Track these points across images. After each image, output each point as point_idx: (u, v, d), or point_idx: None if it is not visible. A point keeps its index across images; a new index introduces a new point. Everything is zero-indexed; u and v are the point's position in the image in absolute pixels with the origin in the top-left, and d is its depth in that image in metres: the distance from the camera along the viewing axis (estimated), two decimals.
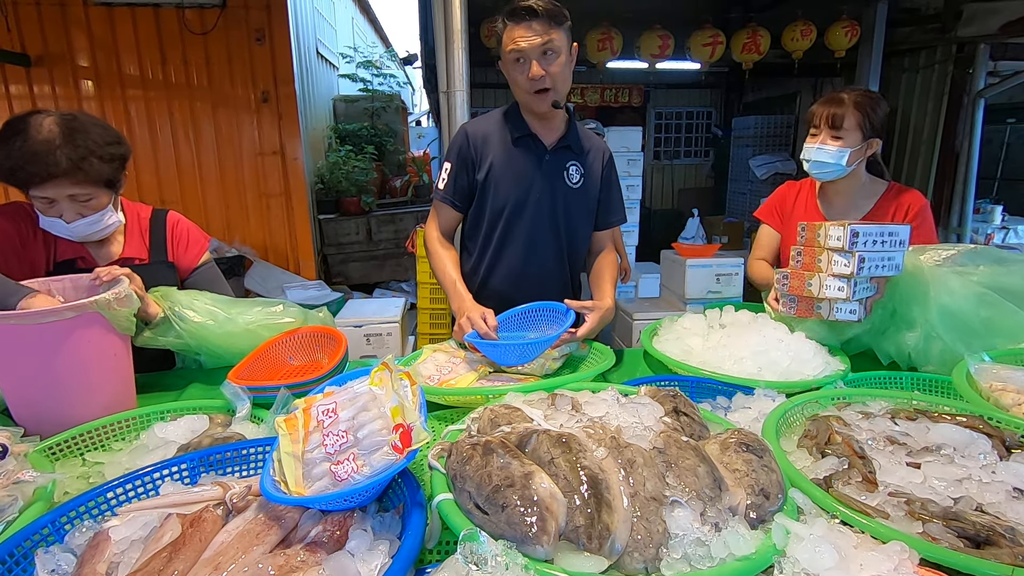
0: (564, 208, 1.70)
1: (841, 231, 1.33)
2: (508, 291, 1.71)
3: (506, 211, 1.69)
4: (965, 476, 0.83)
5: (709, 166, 8.20)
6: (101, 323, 1.11)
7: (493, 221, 1.71)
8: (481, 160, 1.67)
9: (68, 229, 1.34)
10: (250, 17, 4.48)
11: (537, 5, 1.47)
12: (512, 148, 1.67)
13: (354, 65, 6.56)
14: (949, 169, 5.15)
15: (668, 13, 4.94)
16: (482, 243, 1.75)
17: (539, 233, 1.71)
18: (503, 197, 1.68)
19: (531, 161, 1.67)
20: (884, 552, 0.66)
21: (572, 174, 1.70)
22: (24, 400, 1.10)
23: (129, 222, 1.54)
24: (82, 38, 4.33)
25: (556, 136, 1.69)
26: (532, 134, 1.67)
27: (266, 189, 4.85)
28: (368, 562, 0.66)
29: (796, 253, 1.47)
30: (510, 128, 1.67)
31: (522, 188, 1.67)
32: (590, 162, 1.74)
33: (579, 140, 1.72)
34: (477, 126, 1.70)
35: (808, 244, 1.44)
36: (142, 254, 1.53)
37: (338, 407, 0.82)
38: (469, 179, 1.69)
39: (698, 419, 0.96)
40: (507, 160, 1.66)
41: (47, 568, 0.69)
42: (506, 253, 1.73)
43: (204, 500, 0.78)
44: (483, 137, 1.67)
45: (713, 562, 0.66)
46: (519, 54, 1.51)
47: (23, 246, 1.40)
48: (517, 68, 1.54)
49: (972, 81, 4.85)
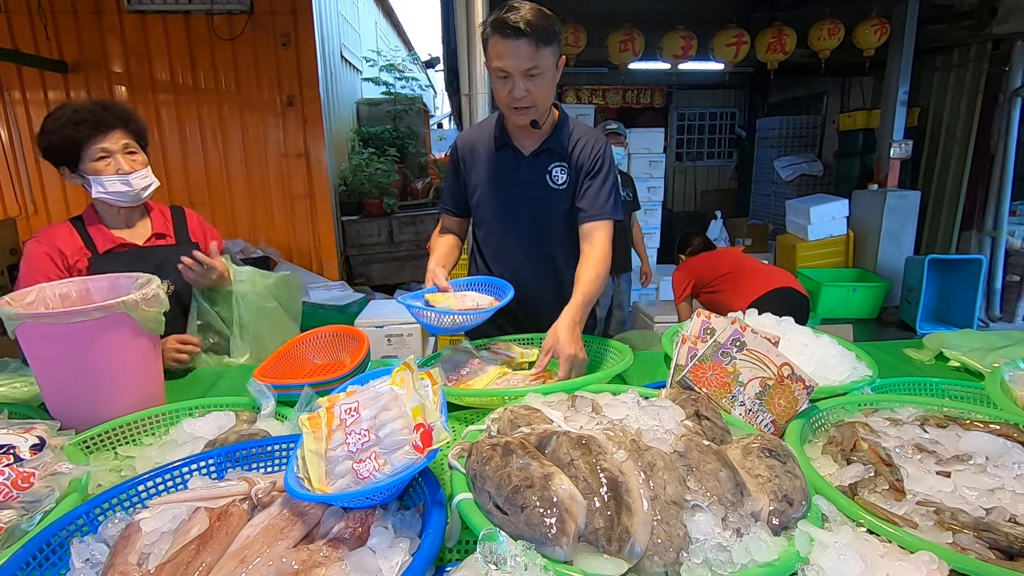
0: (548, 213, 1.69)
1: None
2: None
3: (489, 221, 1.74)
4: (998, 486, 0.81)
5: (733, 167, 8.09)
6: (129, 323, 1.15)
7: (481, 231, 1.78)
8: (468, 170, 1.72)
9: (126, 180, 1.51)
10: (276, 22, 4.58)
11: (526, 25, 1.38)
12: (493, 158, 1.68)
13: (377, 69, 6.64)
14: (983, 170, 5.00)
15: (691, 13, 4.90)
16: (479, 252, 1.82)
17: (524, 241, 1.72)
18: (484, 207, 1.72)
19: (509, 170, 1.67)
20: (912, 562, 0.65)
21: (556, 176, 1.67)
22: (58, 396, 1.14)
23: (152, 211, 1.72)
24: (116, 45, 4.48)
25: (536, 143, 1.66)
26: (510, 143, 1.66)
27: (291, 191, 4.94)
28: (389, 559, 0.67)
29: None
30: (494, 137, 1.68)
31: (500, 197, 1.69)
32: (578, 159, 1.67)
33: (563, 141, 1.65)
34: (467, 136, 1.74)
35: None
36: (168, 231, 1.71)
37: (360, 406, 0.83)
38: (459, 187, 1.75)
39: (720, 423, 0.94)
40: (488, 170, 1.69)
41: (81, 557, 0.71)
42: (497, 263, 1.77)
43: (230, 495, 0.80)
44: (471, 147, 1.71)
45: (735, 568, 0.65)
46: (504, 73, 1.46)
47: (61, 265, 1.51)
48: (500, 83, 1.50)
49: (1008, 79, 4.70)
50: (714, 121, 7.91)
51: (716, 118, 7.89)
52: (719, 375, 1.04)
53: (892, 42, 4.79)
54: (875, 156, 5.36)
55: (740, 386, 1.02)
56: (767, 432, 0.98)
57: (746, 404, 1.02)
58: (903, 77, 4.83)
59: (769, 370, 1.02)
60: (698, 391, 1.03)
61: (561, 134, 1.67)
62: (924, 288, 4.54)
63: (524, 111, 1.52)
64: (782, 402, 1.01)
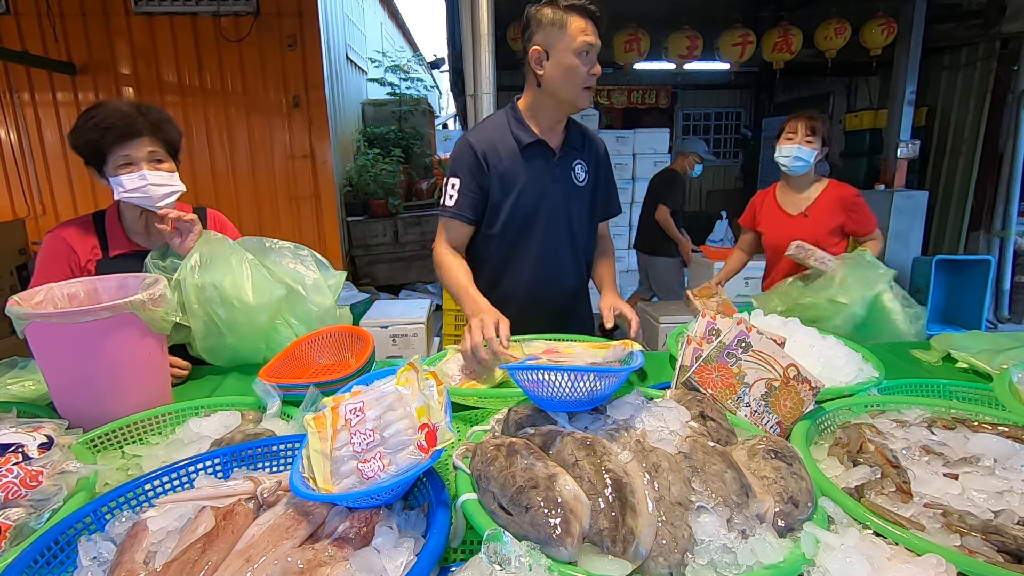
0: (577, 210, 1.70)
1: None
2: (526, 298, 1.71)
3: (522, 222, 1.66)
4: (1006, 488, 0.80)
5: (738, 168, 8.06)
6: (136, 323, 1.15)
7: (508, 233, 1.67)
8: (491, 171, 1.62)
9: (146, 185, 1.46)
10: (282, 24, 4.60)
11: (596, 8, 1.49)
12: (520, 157, 1.62)
13: (382, 69, 6.66)
14: (992, 170, 4.97)
15: (697, 13, 4.89)
16: (496, 255, 1.72)
17: (555, 239, 1.69)
18: (518, 209, 1.64)
19: (542, 168, 1.64)
20: (919, 565, 0.64)
21: (578, 173, 1.69)
22: (66, 395, 1.15)
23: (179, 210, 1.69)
24: (124, 47, 4.51)
25: (560, 139, 1.67)
26: (540, 140, 1.63)
27: (296, 192, 4.96)
28: (394, 559, 0.67)
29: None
30: (516, 136, 1.62)
31: (536, 198, 1.64)
32: (592, 157, 1.73)
33: (580, 138, 1.71)
34: (480, 136, 1.64)
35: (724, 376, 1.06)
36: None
37: (365, 406, 0.83)
38: (482, 191, 1.63)
39: (725, 424, 0.94)
40: (517, 170, 1.62)
41: (89, 555, 0.72)
42: (523, 263, 1.70)
43: (236, 494, 0.80)
44: (489, 147, 1.61)
45: (740, 569, 0.65)
46: (590, 48, 1.49)
47: (72, 264, 1.52)
48: (584, 60, 1.50)
49: (1017, 78, 4.66)
50: (720, 121, 7.89)
51: (722, 118, 7.87)
52: (724, 376, 1.03)
53: (899, 41, 4.76)
54: (882, 156, 5.33)
55: (746, 387, 1.02)
56: (773, 434, 0.98)
57: (752, 405, 1.01)
58: (910, 76, 4.80)
59: (775, 371, 1.01)
60: (703, 392, 1.03)
61: (576, 131, 1.71)
62: (932, 289, 4.51)
63: (591, 92, 1.57)
64: (788, 403, 1.00)
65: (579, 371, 0.87)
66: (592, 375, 0.88)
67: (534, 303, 1.71)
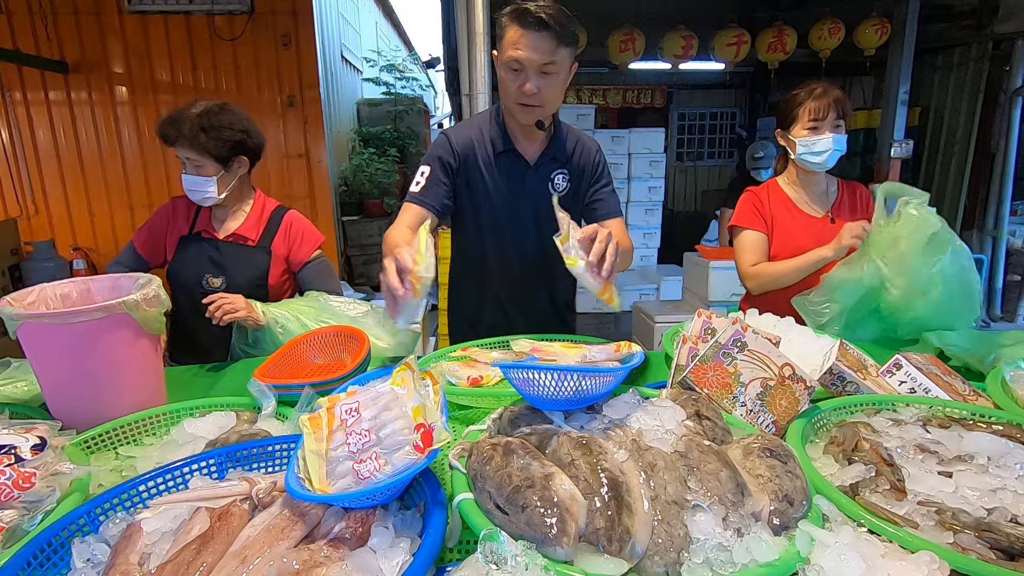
0: (551, 221, 1.66)
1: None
2: (497, 307, 1.75)
3: (491, 231, 1.66)
4: (1000, 486, 0.81)
5: (734, 167, 8.08)
6: (130, 324, 1.15)
7: (481, 240, 1.68)
8: (463, 171, 1.59)
9: (185, 183, 1.71)
10: (277, 23, 4.58)
11: (549, 17, 1.33)
12: (493, 165, 1.59)
13: (378, 69, 6.65)
14: (984, 170, 5.00)
15: (692, 13, 4.89)
16: (474, 261, 1.74)
17: (526, 249, 1.68)
18: (487, 218, 1.64)
19: (514, 179, 1.60)
20: (913, 562, 0.65)
21: (558, 183, 1.64)
22: (59, 396, 1.14)
23: (254, 208, 1.86)
24: (117, 45, 4.48)
25: (539, 148, 1.61)
26: (513, 149, 1.58)
27: (291, 191, 4.94)
28: (390, 559, 0.67)
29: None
30: (493, 141, 1.58)
31: (505, 208, 1.62)
32: (578, 164, 1.66)
33: (564, 147, 1.63)
34: (459, 134, 1.60)
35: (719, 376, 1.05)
36: (253, 235, 1.82)
37: (361, 406, 0.83)
38: (448, 184, 1.59)
39: (721, 423, 0.94)
40: (489, 179, 1.60)
41: (83, 557, 0.71)
42: (495, 271, 1.71)
43: (231, 495, 0.80)
44: (466, 147, 1.58)
45: (735, 567, 0.65)
46: (518, 64, 1.39)
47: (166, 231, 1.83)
48: (511, 76, 1.42)
49: (1009, 79, 4.69)
50: (715, 121, 7.90)
51: (717, 118, 7.88)
52: (720, 376, 1.04)
53: (893, 42, 4.79)
54: (876, 156, 5.35)
55: (741, 387, 1.02)
56: (768, 433, 0.98)
57: (747, 405, 1.02)
58: (904, 77, 4.82)
59: (770, 370, 1.02)
60: (699, 391, 1.03)
61: (561, 139, 1.64)
62: None
63: (531, 109, 1.45)
64: (783, 403, 1.01)
65: (579, 371, 0.88)
66: (593, 375, 0.88)
67: (503, 311, 1.76)
